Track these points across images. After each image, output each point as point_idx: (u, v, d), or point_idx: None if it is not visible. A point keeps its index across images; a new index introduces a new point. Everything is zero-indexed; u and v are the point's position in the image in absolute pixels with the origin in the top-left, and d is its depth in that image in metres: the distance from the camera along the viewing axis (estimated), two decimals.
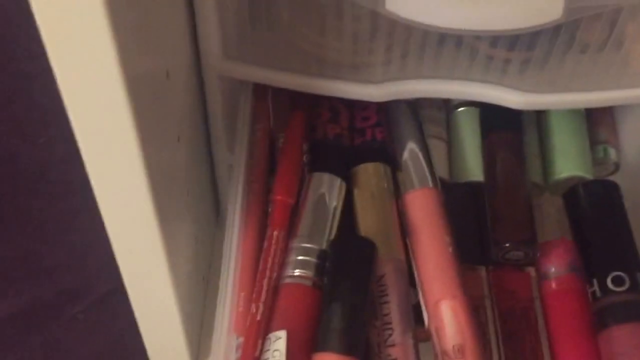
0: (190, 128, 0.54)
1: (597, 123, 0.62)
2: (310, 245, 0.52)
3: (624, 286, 0.51)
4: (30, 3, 0.30)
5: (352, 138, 0.60)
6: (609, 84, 0.53)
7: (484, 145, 0.58)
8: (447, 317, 0.48)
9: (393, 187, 0.56)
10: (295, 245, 0.52)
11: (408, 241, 0.53)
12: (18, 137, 0.65)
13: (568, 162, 0.59)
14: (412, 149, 0.55)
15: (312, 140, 0.59)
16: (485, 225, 0.56)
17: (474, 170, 0.59)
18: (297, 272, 0.51)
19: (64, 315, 0.74)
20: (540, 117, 0.61)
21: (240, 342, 0.50)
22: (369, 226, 0.55)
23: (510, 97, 0.54)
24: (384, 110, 0.58)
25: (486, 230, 0.55)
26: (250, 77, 0.55)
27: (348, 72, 0.53)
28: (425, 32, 0.49)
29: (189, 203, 0.54)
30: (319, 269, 0.51)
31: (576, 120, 0.60)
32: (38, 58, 0.34)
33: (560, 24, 0.47)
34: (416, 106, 0.58)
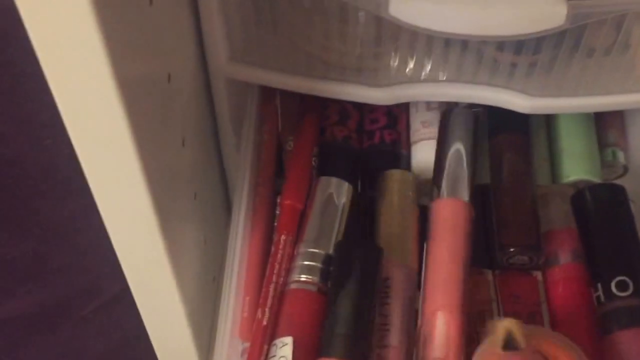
0: (196, 131, 0.54)
1: (606, 126, 0.62)
2: (316, 250, 0.52)
3: (628, 291, 0.50)
4: (17, 5, 0.30)
5: (360, 140, 0.60)
6: (615, 88, 0.53)
7: (490, 147, 0.58)
8: (439, 328, 0.48)
9: (417, 195, 0.56)
10: (301, 250, 0.52)
11: (425, 244, 0.52)
12: (24, 138, 0.66)
13: (576, 165, 0.58)
14: (457, 155, 0.54)
15: (320, 142, 0.58)
16: (492, 229, 0.55)
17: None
18: (302, 277, 0.51)
19: (75, 315, 0.74)
20: (549, 119, 0.61)
21: (245, 348, 0.50)
22: (388, 232, 0.54)
23: (517, 101, 0.54)
24: (443, 112, 0.58)
25: (493, 233, 0.55)
26: (255, 79, 0.55)
27: (353, 75, 0.53)
28: (431, 36, 0.49)
29: (196, 206, 0.54)
30: (324, 275, 0.51)
31: (585, 123, 0.60)
32: None
33: (565, 29, 0.47)
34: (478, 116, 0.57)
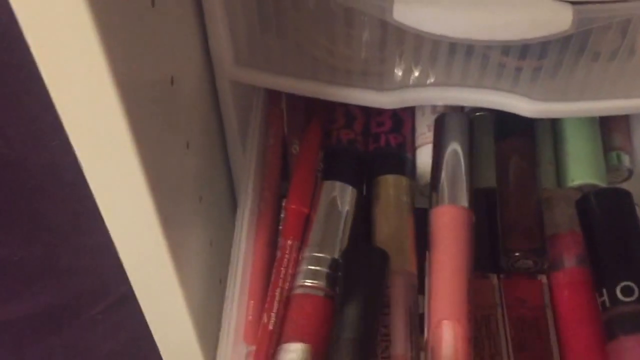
0: (201, 134, 0.54)
1: (611, 129, 0.62)
2: (321, 255, 0.51)
3: (633, 296, 0.50)
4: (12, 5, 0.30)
5: (366, 143, 0.60)
6: (621, 92, 0.53)
7: (496, 152, 0.58)
8: (447, 338, 0.48)
9: (413, 200, 0.56)
10: (306, 254, 0.52)
11: (427, 253, 0.52)
12: (31, 139, 0.66)
13: (581, 169, 0.58)
14: (454, 160, 0.54)
15: (326, 145, 0.58)
16: (497, 233, 0.55)
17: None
18: (308, 282, 0.51)
19: (83, 316, 0.74)
20: (555, 123, 0.61)
21: (250, 351, 0.50)
22: (384, 237, 0.54)
23: (522, 105, 0.54)
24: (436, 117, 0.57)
25: (498, 237, 0.55)
26: (261, 83, 0.55)
27: (359, 78, 0.53)
28: (436, 40, 0.49)
29: (201, 209, 0.54)
30: (330, 279, 0.51)
31: (590, 127, 0.60)
32: None
33: (571, 34, 0.47)
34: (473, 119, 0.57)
